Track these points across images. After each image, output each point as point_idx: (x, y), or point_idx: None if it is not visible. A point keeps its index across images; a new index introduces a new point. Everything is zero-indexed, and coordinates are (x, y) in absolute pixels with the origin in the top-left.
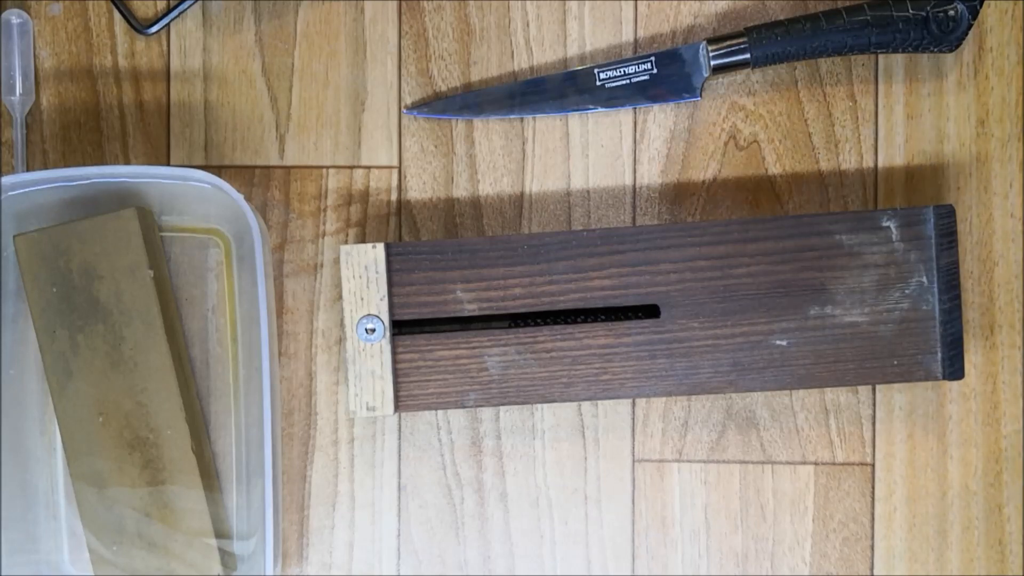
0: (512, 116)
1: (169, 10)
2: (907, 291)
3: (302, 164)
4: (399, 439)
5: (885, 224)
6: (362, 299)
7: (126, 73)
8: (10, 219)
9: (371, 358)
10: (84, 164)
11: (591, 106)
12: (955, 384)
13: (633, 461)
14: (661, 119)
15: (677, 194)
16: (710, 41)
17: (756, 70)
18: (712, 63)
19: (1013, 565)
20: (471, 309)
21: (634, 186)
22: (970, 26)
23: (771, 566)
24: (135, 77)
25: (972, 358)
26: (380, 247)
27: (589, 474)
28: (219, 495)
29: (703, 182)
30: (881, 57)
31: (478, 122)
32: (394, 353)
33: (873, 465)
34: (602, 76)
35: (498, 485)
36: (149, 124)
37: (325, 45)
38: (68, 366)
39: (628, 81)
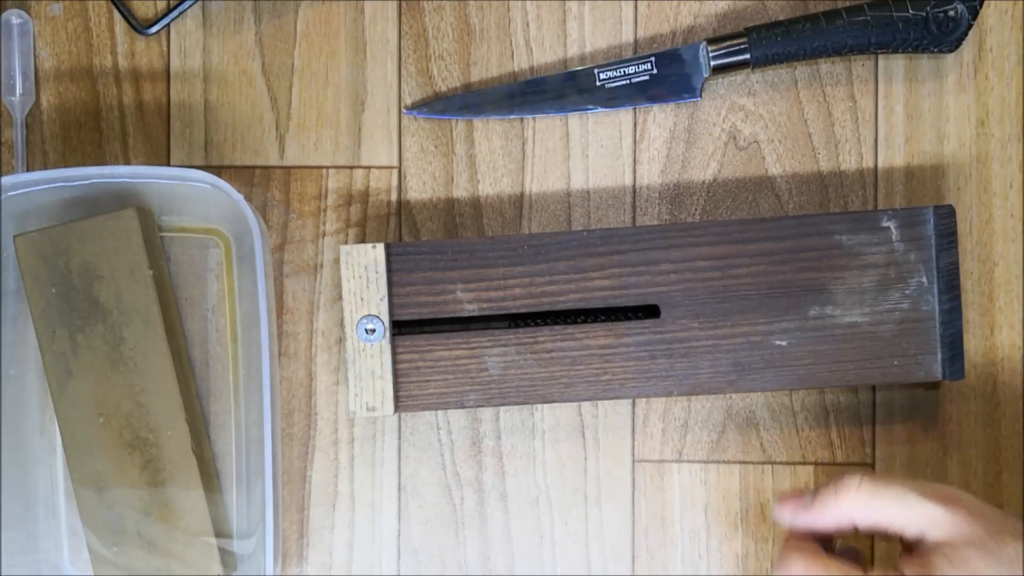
0: (512, 116)
1: (169, 10)
2: (907, 291)
3: (302, 164)
4: (399, 439)
5: (885, 224)
6: (362, 299)
7: (126, 73)
8: (10, 219)
9: (371, 358)
10: (84, 164)
11: (591, 106)
12: (955, 384)
13: (633, 461)
14: (661, 119)
15: (677, 194)
16: (710, 41)
17: (756, 70)
18: (712, 63)
19: None
20: (471, 309)
21: (634, 186)
22: (970, 26)
23: (771, 566)
24: (135, 77)
25: (972, 358)
26: (380, 247)
27: (589, 474)
28: (219, 495)
29: (703, 182)
30: (881, 57)
31: (478, 122)
32: (394, 353)
33: (873, 465)
34: (602, 76)
35: (498, 485)
36: (149, 124)
37: (325, 45)
38: (68, 366)
39: (628, 81)
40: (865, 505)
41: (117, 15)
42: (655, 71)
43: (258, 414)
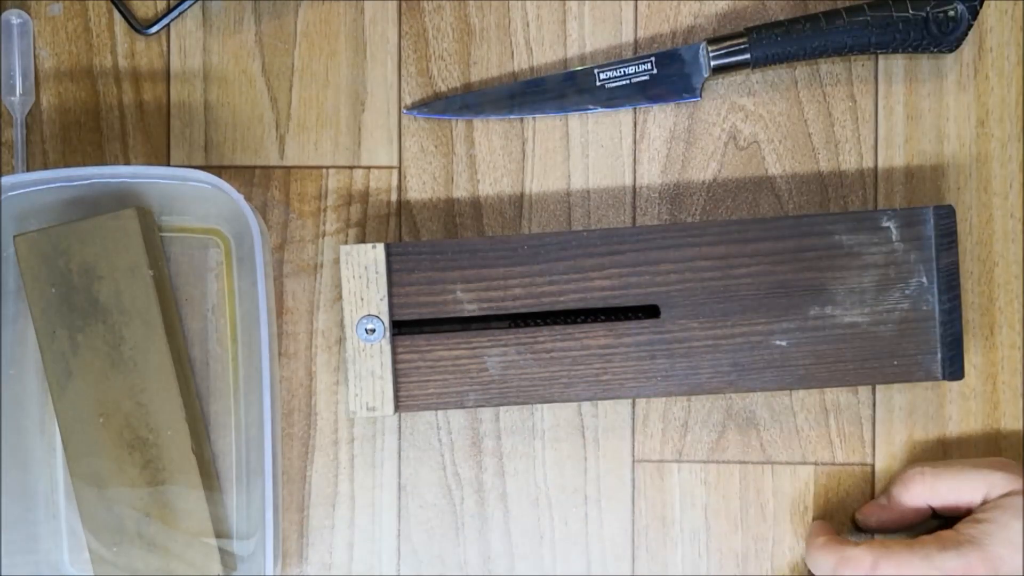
0: (512, 116)
1: (169, 10)
2: (907, 291)
3: (302, 164)
4: (399, 439)
5: (885, 224)
6: (362, 299)
7: (126, 73)
8: (10, 219)
9: (371, 358)
10: (84, 164)
11: (591, 106)
12: (955, 384)
13: (633, 461)
14: (661, 119)
15: (677, 194)
16: (710, 41)
17: (756, 70)
18: (712, 63)
19: None
20: (471, 309)
21: (634, 186)
22: (970, 26)
23: (771, 566)
24: (135, 77)
25: (972, 358)
26: (380, 247)
27: (589, 474)
28: (219, 495)
29: (703, 182)
30: (881, 57)
31: (478, 122)
32: (394, 353)
33: (873, 465)
34: (602, 76)
35: (498, 485)
36: (149, 124)
37: (325, 45)
38: (68, 366)
39: (628, 81)
40: (932, 488)
41: (117, 15)
42: (655, 71)
43: (258, 414)
